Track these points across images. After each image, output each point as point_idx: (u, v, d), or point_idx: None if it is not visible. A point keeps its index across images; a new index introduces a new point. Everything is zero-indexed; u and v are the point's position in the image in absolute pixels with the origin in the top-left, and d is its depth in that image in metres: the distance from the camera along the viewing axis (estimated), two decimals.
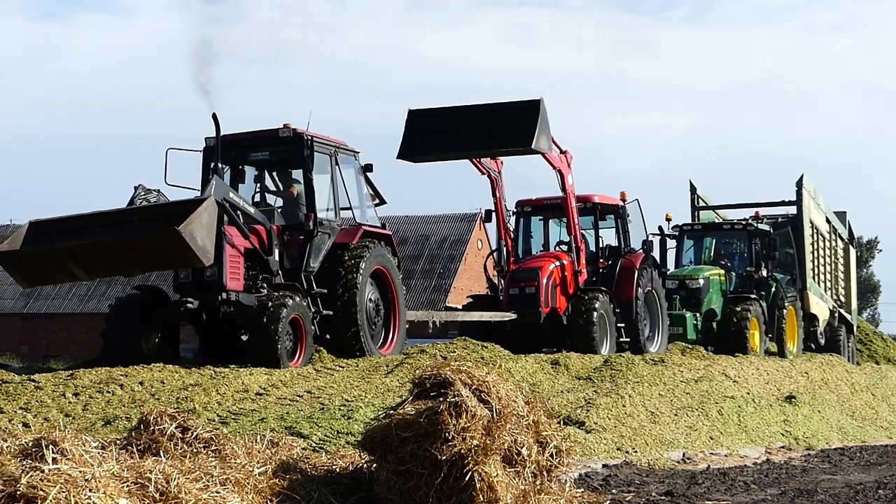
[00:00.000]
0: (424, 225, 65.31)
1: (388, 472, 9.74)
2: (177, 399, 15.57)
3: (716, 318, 29.39)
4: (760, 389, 24.17)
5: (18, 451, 8.51)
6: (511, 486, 9.82)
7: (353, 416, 14.42)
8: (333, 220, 20.45)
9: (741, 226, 31.86)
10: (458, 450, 9.49)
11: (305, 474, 10.15)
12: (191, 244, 16.80)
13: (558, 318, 24.79)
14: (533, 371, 20.40)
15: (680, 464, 16.63)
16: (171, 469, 8.82)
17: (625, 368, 21.43)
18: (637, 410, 17.99)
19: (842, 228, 37.68)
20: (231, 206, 18.68)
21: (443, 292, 60.57)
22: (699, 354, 25.83)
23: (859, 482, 14.77)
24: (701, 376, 22.59)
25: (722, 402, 20.26)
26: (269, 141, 20.31)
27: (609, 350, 24.36)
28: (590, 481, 13.51)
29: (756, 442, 19.47)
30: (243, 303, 18.67)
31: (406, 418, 9.68)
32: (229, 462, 9.78)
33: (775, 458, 18.36)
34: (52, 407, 14.97)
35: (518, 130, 23.41)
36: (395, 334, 21.17)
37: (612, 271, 26.11)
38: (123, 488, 8.34)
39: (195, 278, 18.60)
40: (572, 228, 25.51)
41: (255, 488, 9.53)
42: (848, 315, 37.07)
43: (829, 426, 22.41)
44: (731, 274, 30.66)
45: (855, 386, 29.20)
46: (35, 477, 7.94)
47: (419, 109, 24.52)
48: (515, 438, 10.00)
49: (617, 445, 16.38)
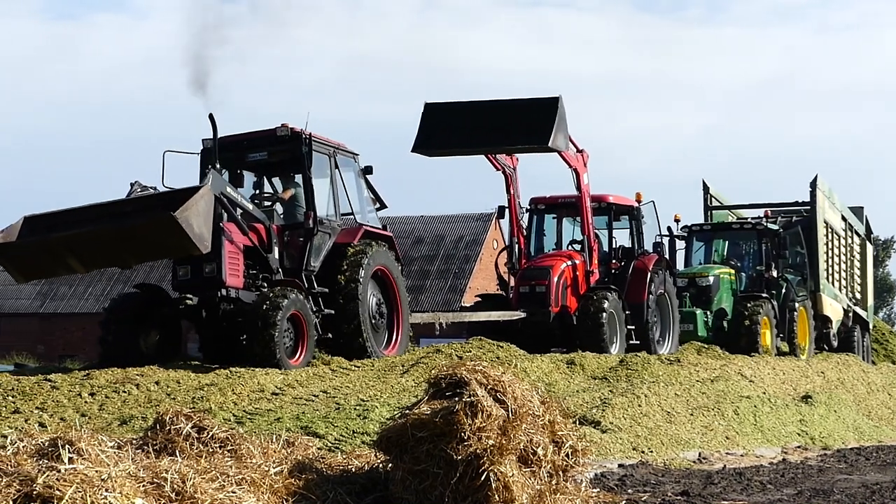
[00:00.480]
0: (440, 225, 65.31)
1: (403, 471, 9.74)
2: (193, 399, 15.60)
3: (726, 317, 29.27)
4: (776, 389, 24.13)
5: (35, 450, 8.53)
6: (527, 486, 9.82)
7: (368, 416, 14.42)
8: (334, 220, 20.31)
9: (750, 225, 31.77)
10: (474, 449, 9.48)
11: (321, 474, 10.15)
12: (187, 230, 16.57)
13: (568, 317, 24.66)
14: (548, 371, 20.39)
15: (696, 464, 16.60)
16: (186, 469, 8.83)
17: (640, 368, 21.40)
18: (653, 410, 17.97)
19: (858, 224, 37.48)
20: (230, 203, 18.50)
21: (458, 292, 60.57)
22: (715, 354, 25.76)
23: (875, 482, 14.74)
24: (717, 376, 22.56)
25: (738, 401, 20.22)
26: (266, 141, 20.10)
27: (619, 351, 24.23)
28: (605, 481, 13.50)
29: (772, 442, 19.43)
30: (243, 300, 18.45)
31: (422, 418, 9.67)
32: (245, 462, 9.79)
33: (791, 457, 18.32)
34: (68, 407, 15.01)
35: (535, 127, 23.31)
36: (399, 336, 21.00)
37: (624, 273, 25.99)
38: (139, 488, 8.36)
39: (194, 275, 18.39)
40: (586, 228, 25.43)
41: (271, 488, 9.54)
42: (863, 312, 36.92)
43: (845, 426, 22.36)
44: (741, 275, 30.58)
45: (871, 386, 29.13)
46: (51, 477, 7.96)
47: (436, 103, 24.42)
48: (531, 438, 9.99)
49: (633, 445, 16.36)
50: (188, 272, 18.50)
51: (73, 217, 18.10)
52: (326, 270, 19.86)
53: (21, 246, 17.67)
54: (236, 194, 18.90)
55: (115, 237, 17.43)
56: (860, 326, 36.40)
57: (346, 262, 19.86)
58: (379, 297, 20.61)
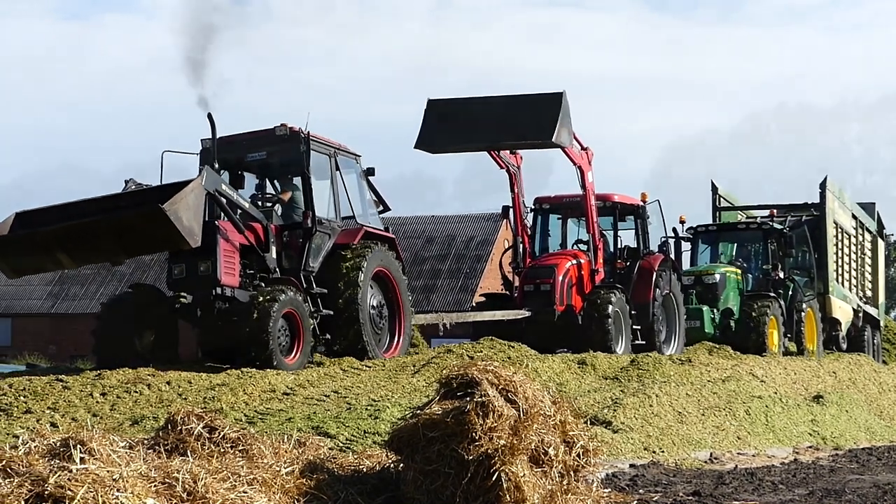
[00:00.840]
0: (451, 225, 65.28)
1: (414, 471, 9.74)
2: (204, 399, 15.62)
3: (733, 316, 29.11)
4: (788, 389, 24.09)
5: (46, 450, 8.53)
6: (538, 486, 9.81)
7: (379, 416, 14.42)
8: (334, 221, 20.16)
9: (756, 225, 31.62)
10: (485, 450, 9.48)
11: (332, 474, 10.16)
12: (176, 224, 16.41)
13: (574, 317, 24.50)
14: (560, 371, 20.37)
15: (707, 464, 16.59)
16: (198, 469, 8.84)
17: (652, 368, 21.38)
18: (664, 410, 17.95)
19: (869, 222, 37.30)
20: (226, 201, 18.39)
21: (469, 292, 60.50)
22: (726, 354, 25.72)
23: (887, 482, 14.70)
24: (728, 376, 22.53)
25: (749, 401, 20.19)
26: (265, 141, 19.96)
27: (624, 350, 24.12)
28: (617, 481, 13.49)
29: (783, 442, 19.40)
30: (238, 299, 18.25)
31: (433, 418, 9.68)
32: (256, 462, 9.80)
33: (803, 458, 18.30)
34: (79, 407, 15.04)
35: (539, 123, 23.14)
36: (400, 338, 20.86)
37: (629, 272, 25.85)
38: (151, 488, 8.37)
39: (189, 273, 18.26)
40: (591, 226, 25.32)
41: (282, 488, 9.55)
42: (874, 311, 36.78)
43: (856, 426, 22.32)
44: (747, 275, 30.43)
45: (883, 385, 29.06)
46: (63, 477, 7.97)
47: (438, 99, 24.28)
48: (542, 438, 9.99)
49: (644, 445, 16.35)
50: (183, 270, 18.38)
51: (63, 212, 17.94)
52: (327, 271, 19.74)
53: (10, 241, 17.53)
54: (232, 192, 18.76)
55: (104, 231, 17.26)
56: (871, 325, 36.28)
57: (345, 263, 19.72)
58: (380, 299, 20.47)
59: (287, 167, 20.44)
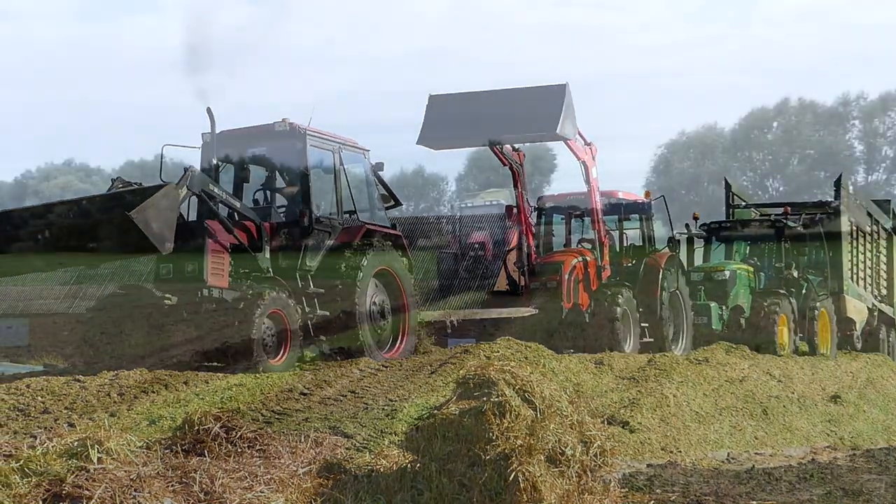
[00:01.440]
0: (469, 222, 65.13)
1: (431, 471, 9.73)
2: (221, 399, 15.59)
3: (743, 314, 28.85)
4: (805, 389, 24.00)
5: (64, 450, 8.55)
6: (555, 486, 9.80)
7: (396, 416, 14.41)
8: (335, 219, 19.82)
9: (769, 222, 31.43)
10: (502, 450, 9.48)
11: (349, 474, 10.16)
12: (145, 230, 16.12)
13: (581, 314, 24.29)
14: (576, 370, 20.31)
15: (724, 463, 16.55)
16: (215, 469, 8.86)
17: (669, 368, 21.31)
18: (681, 410, 17.93)
19: (885, 219, 37.09)
20: (214, 200, 18.15)
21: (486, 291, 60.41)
22: (743, 354, 25.61)
23: None
24: (745, 376, 22.46)
25: (766, 401, 20.17)
26: (265, 136, 19.79)
27: (632, 349, 23.95)
28: (634, 481, 13.47)
29: (801, 442, 19.36)
30: (226, 299, 18.01)
31: (450, 418, 9.68)
32: (273, 462, 9.81)
33: (820, 458, 18.23)
34: (97, 407, 15.03)
35: (542, 115, 22.93)
36: (404, 338, 20.46)
37: (636, 270, 25.62)
38: (168, 488, 8.38)
39: (176, 274, 18.04)
40: (596, 222, 25.21)
41: (299, 488, 9.55)
42: (889, 309, 36.58)
43: (874, 426, 22.26)
44: (760, 273, 30.21)
45: None
46: (80, 476, 7.99)
47: (440, 95, 24.10)
48: (559, 438, 9.98)
49: (661, 445, 16.33)
50: (170, 271, 18.18)
51: (40, 213, 17.67)
52: (327, 271, 19.44)
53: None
54: (220, 191, 18.46)
55: (77, 235, 16.98)
56: (886, 324, 36.09)
57: (343, 262, 19.44)
58: (382, 299, 20.13)
59: (286, 163, 20.09)
